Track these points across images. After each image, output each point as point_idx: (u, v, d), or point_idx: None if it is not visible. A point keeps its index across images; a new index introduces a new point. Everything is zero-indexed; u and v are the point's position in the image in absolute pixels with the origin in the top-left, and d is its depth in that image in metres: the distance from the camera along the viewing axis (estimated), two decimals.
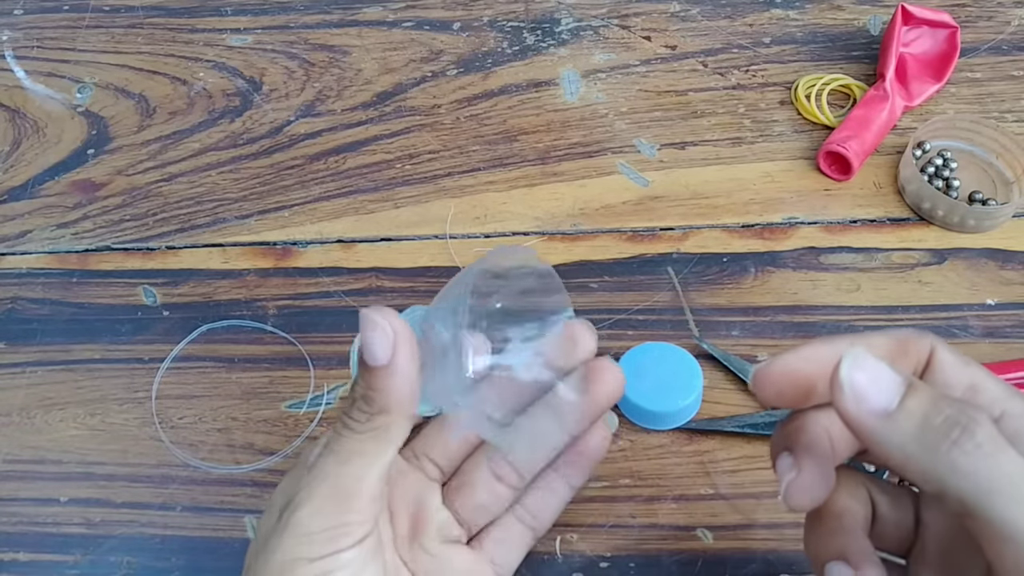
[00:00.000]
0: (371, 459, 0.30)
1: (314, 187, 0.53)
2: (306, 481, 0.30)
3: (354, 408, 0.30)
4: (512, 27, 0.59)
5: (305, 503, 0.30)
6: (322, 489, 0.30)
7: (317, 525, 0.29)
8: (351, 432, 0.30)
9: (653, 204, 0.51)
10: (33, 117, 0.57)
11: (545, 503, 0.36)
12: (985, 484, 0.24)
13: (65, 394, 0.46)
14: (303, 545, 0.29)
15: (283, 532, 0.30)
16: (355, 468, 0.30)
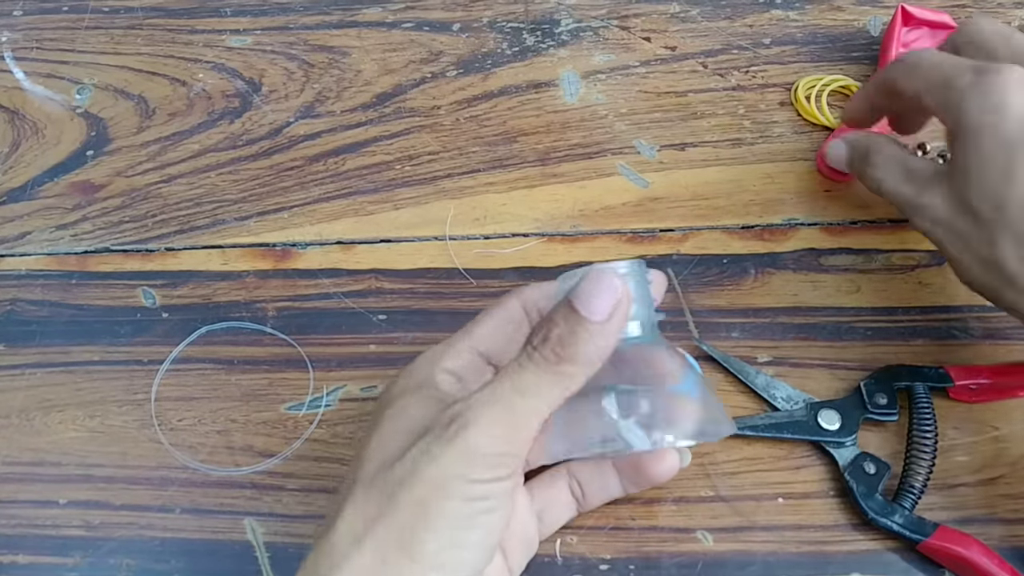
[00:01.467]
0: (545, 400, 0.31)
1: (313, 188, 0.53)
2: (477, 400, 0.30)
3: (547, 346, 0.31)
4: (512, 28, 0.59)
5: (478, 422, 0.30)
6: (495, 413, 0.30)
7: (487, 448, 0.30)
8: (535, 367, 0.31)
9: (653, 205, 0.51)
10: (32, 118, 0.57)
11: (596, 490, 0.38)
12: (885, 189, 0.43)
13: (64, 396, 0.46)
14: (468, 465, 0.29)
15: (450, 444, 0.29)
16: (531, 402, 0.31)
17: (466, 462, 0.29)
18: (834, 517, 0.41)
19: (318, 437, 0.44)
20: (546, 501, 0.38)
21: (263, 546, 0.41)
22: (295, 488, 0.43)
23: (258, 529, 0.42)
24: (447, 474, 0.29)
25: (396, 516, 0.29)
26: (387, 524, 0.29)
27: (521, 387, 0.31)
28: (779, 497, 0.41)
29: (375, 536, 0.29)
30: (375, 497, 0.30)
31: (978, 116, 0.35)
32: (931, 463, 0.40)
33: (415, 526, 0.29)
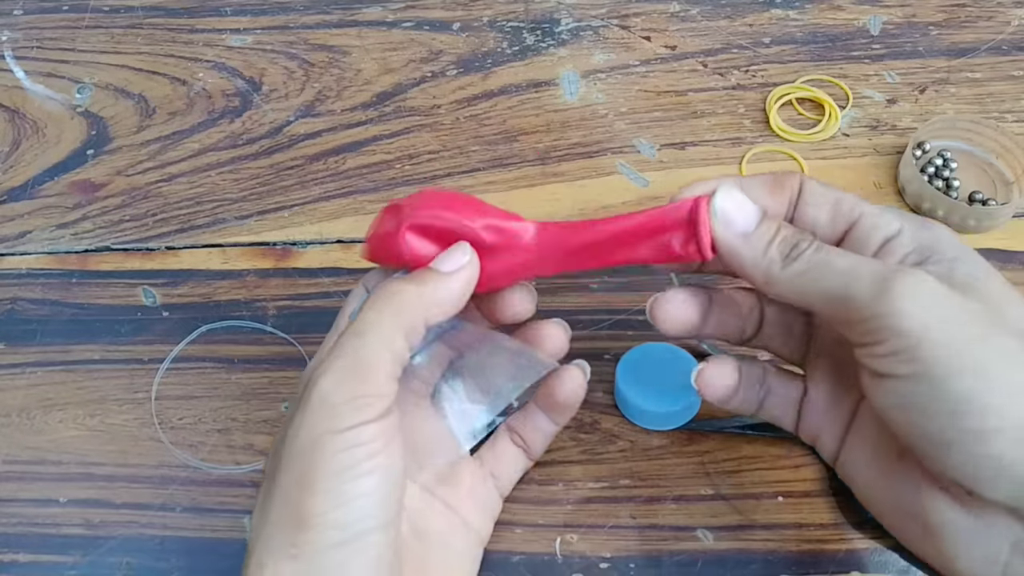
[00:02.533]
0: (388, 336, 0.32)
1: (314, 187, 0.53)
2: (325, 357, 0.31)
3: (382, 285, 0.33)
4: (512, 27, 0.59)
5: (325, 375, 0.30)
6: (340, 362, 0.31)
7: (339, 396, 0.30)
8: (370, 307, 0.32)
9: (653, 204, 0.51)
10: (32, 117, 0.57)
11: (534, 435, 0.40)
12: (817, 280, 0.31)
13: (65, 395, 0.46)
14: (327, 418, 0.30)
15: (306, 407, 0.30)
16: (372, 340, 0.31)
17: (326, 416, 0.30)
18: (834, 516, 0.41)
19: None
20: (494, 460, 0.39)
21: None
22: None
23: None
24: (313, 434, 0.30)
25: (282, 494, 0.30)
26: (277, 505, 0.30)
27: (359, 329, 0.31)
28: (779, 496, 0.41)
29: (268, 522, 0.30)
30: (264, 486, 0.31)
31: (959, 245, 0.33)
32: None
33: (300, 497, 0.29)
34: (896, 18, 0.58)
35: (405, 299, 0.33)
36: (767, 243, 0.32)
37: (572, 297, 0.47)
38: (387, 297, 0.33)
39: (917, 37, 0.57)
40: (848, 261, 0.31)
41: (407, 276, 0.34)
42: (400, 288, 0.33)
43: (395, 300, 0.32)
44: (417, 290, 0.33)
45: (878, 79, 0.55)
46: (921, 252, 0.32)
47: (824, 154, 0.52)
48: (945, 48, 0.56)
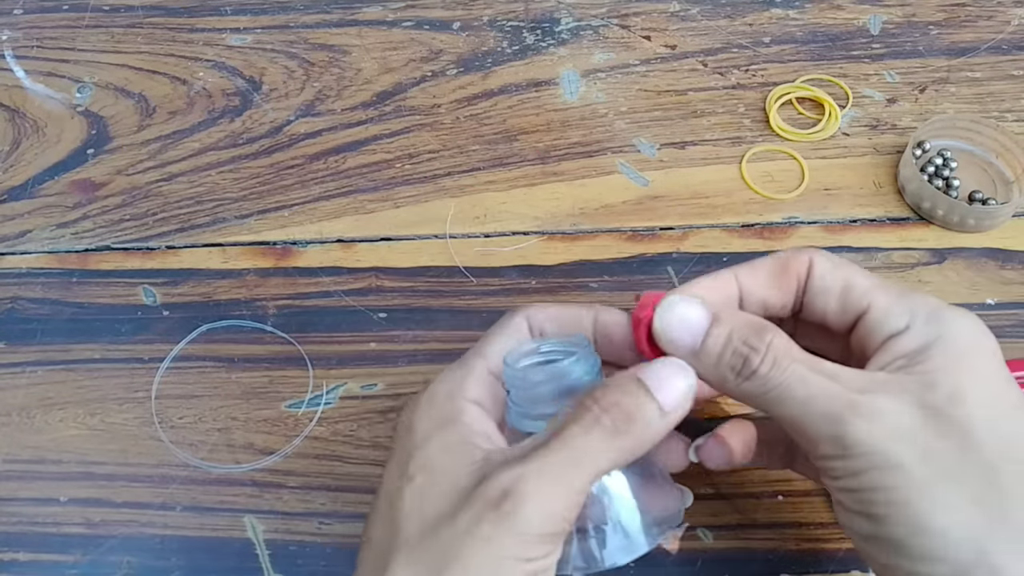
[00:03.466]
0: (596, 471, 0.29)
1: (314, 187, 0.53)
2: (530, 472, 0.28)
3: (609, 416, 0.29)
4: (512, 27, 0.59)
5: (532, 499, 0.27)
6: (551, 488, 0.28)
7: (543, 527, 0.28)
8: (594, 435, 0.29)
9: (653, 204, 0.51)
10: (33, 117, 0.57)
11: None
12: (771, 404, 0.29)
13: (65, 394, 0.46)
14: (522, 546, 0.27)
15: (500, 524, 0.27)
16: (586, 473, 0.28)
17: (521, 543, 0.27)
18: (834, 515, 0.40)
19: (318, 435, 0.44)
20: None
21: (263, 543, 0.41)
22: (295, 486, 0.43)
23: (258, 527, 0.42)
24: (501, 555, 0.27)
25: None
26: None
27: (577, 457, 0.28)
28: (779, 495, 0.41)
29: None
30: (418, 572, 0.28)
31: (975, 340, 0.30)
32: None
33: None
34: (896, 17, 0.58)
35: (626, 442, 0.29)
36: (716, 357, 0.30)
37: (572, 296, 0.47)
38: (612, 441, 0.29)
39: (917, 36, 0.57)
40: (804, 390, 0.29)
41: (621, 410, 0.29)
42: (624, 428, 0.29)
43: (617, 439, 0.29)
44: (642, 433, 0.29)
45: (878, 78, 0.55)
46: (919, 353, 0.30)
47: (824, 153, 0.52)
48: (945, 47, 0.56)
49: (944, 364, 0.29)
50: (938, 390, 0.28)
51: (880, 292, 0.31)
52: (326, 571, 0.40)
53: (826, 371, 0.29)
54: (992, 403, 0.29)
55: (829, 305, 0.32)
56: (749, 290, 0.33)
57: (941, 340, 0.29)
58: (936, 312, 0.30)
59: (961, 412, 0.28)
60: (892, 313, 0.31)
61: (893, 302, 0.31)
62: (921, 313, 0.30)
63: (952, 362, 0.29)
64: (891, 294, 0.31)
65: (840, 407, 0.28)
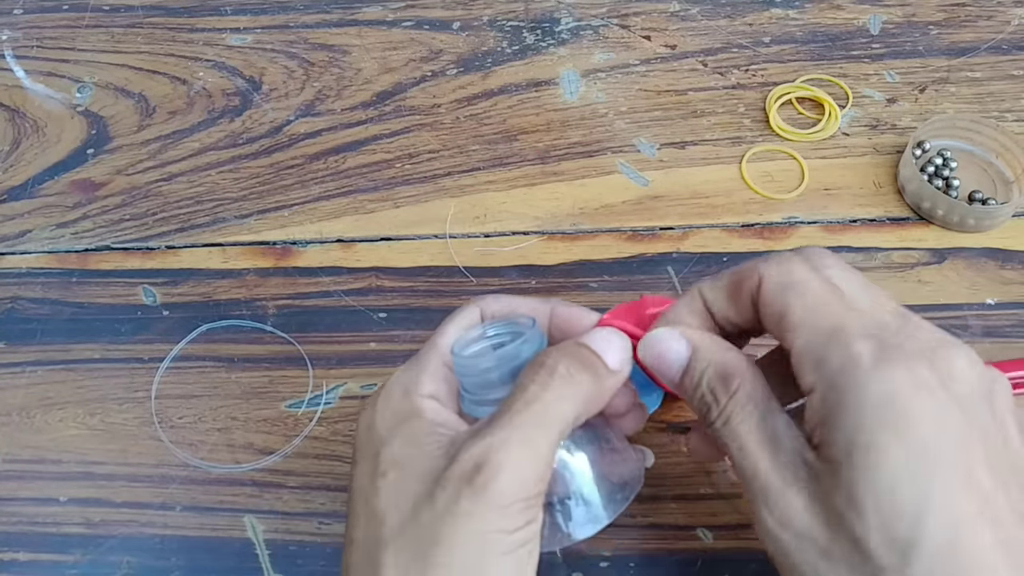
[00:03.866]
0: (560, 427, 0.29)
1: (314, 187, 0.53)
2: (500, 440, 0.28)
3: (565, 365, 0.29)
4: (512, 27, 0.59)
5: (505, 467, 0.27)
6: (522, 454, 0.28)
7: (521, 493, 0.27)
8: (552, 391, 0.29)
9: (653, 204, 0.51)
10: (33, 117, 0.57)
11: None
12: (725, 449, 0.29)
13: (65, 394, 0.46)
14: (503, 516, 0.27)
15: (479, 497, 0.27)
16: (551, 432, 0.29)
17: (501, 514, 0.27)
18: None
19: (318, 435, 0.44)
20: None
21: (263, 543, 0.41)
22: (295, 485, 0.43)
23: (258, 526, 0.42)
24: (485, 530, 0.27)
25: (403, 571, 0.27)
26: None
27: (541, 415, 0.28)
28: None
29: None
30: (407, 560, 0.28)
31: (883, 411, 0.25)
32: None
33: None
34: (896, 17, 0.58)
35: (583, 389, 0.30)
36: (690, 396, 0.31)
37: (572, 296, 0.47)
38: (566, 380, 0.29)
39: (917, 36, 0.57)
40: (740, 460, 0.28)
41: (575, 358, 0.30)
42: (579, 376, 0.30)
43: (573, 386, 0.29)
44: (594, 383, 0.30)
45: (878, 78, 0.55)
46: (822, 426, 0.27)
47: (824, 153, 0.52)
48: (945, 47, 0.56)
49: (843, 448, 0.25)
50: (840, 488, 0.25)
51: (801, 333, 0.28)
52: (326, 571, 0.40)
53: (769, 444, 0.28)
54: (890, 500, 0.25)
55: (773, 333, 0.30)
56: (714, 308, 0.32)
57: (841, 414, 0.26)
58: (846, 370, 0.26)
59: (853, 517, 0.25)
60: (803, 366, 0.28)
61: (805, 350, 0.27)
62: (828, 371, 0.26)
63: (851, 445, 0.25)
64: (810, 337, 0.28)
65: (757, 492, 0.27)
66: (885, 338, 0.26)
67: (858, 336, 0.26)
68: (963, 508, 0.24)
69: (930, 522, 0.24)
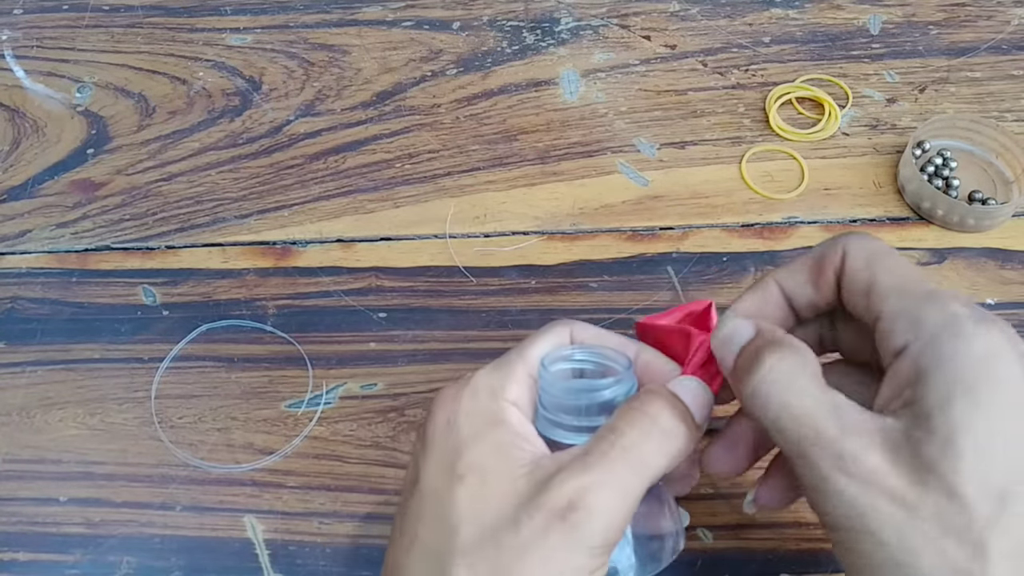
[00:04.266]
0: (652, 474, 0.29)
1: (314, 186, 0.53)
2: (596, 483, 0.28)
3: (664, 418, 0.29)
4: (512, 27, 0.59)
5: (599, 511, 0.27)
6: (616, 500, 0.28)
7: (609, 538, 0.28)
8: (652, 437, 0.29)
9: (653, 203, 0.51)
10: (33, 117, 0.57)
11: None
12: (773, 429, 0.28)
13: (65, 394, 0.46)
14: (589, 557, 0.27)
15: (569, 535, 0.27)
16: (644, 480, 0.29)
17: (588, 554, 0.27)
18: None
19: (318, 435, 0.44)
20: None
21: (263, 543, 0.41)
22: (295, 485, 0.43)
23: (258, 526, 0.42)
24: (568, 567, 0.27)
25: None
26: None
27: (637, 464, 0.28)
28: None
29: None
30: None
31: (984, 362, 0.26)
32: None
33: None
34: (896, 17, 0.58)
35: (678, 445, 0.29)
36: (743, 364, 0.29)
37: (572, 296, 0.47)
38: (666, 434, 0.29)
39: (917, 36, 0.57)
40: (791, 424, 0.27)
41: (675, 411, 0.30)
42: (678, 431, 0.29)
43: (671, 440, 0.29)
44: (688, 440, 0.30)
45: (878, 78, 0.55)
46: (916, 383, 0.26)
47: (824, 153, 0.52)
48: (945, 47, 0.56)
49: (940, 401, 0.25)
50: (932, 436, 0.25)
51: (893, 299, 0.28)
52: (326, 571, 0.40)
53: (829, 408, 0.27)
54: (991, 447, 0.25)
55: (858, 306, 0.30)
56: (793, 294, 0.32)
57: (940, 367, 0.26)
58: (947, 327, 0.26)
59: (949, 465, 0.25)
60: (895, 328, 0.27)
61: (900, 312, 0.28)
62: (927, 328, 0.27)
63: (949, 394, 0.25)
64: (904, 301, 0.28)
65: (827, 457, 0.26)
66: (977, 308, 0.27)
67: (953, 299, 0.27)
68: None
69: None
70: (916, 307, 0.27)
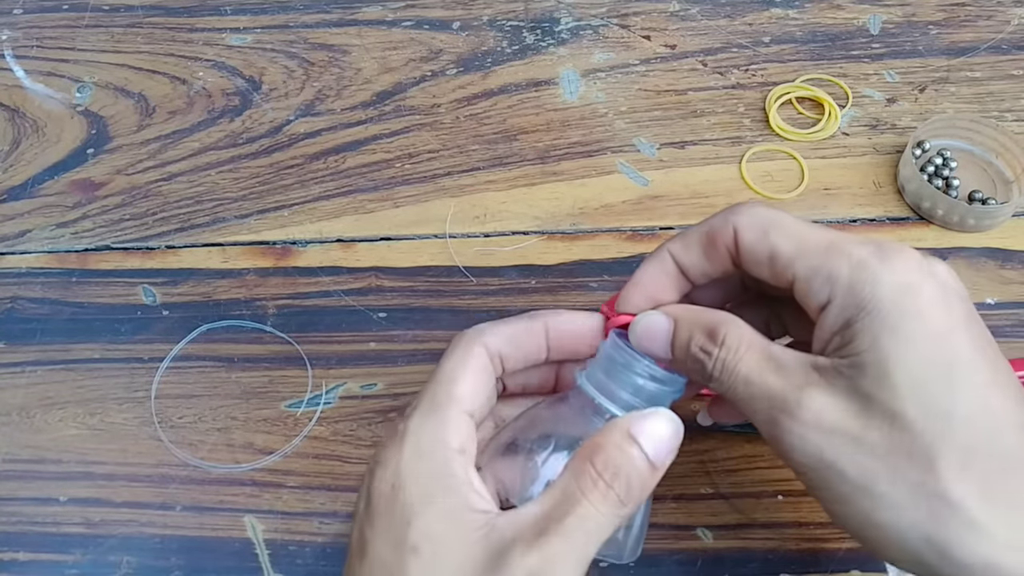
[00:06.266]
0: (604, 538, 0.29)
1: (314, 186, 0.53)
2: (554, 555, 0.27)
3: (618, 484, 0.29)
4: (511, 26, 0.59)
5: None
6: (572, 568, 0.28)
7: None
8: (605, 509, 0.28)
9: (653, 203, 0.51)
10: (33, 116, 0.57)
11: None
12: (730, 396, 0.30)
13: (65, 393, 0.46)
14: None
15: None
16: (596, 545, 0.29)
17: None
18: None
19: (318, 434, 0.44)
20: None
21: (263, 543, 0.41)
22: (295, 485, 0.43)
23: (258, 526, 0.42)
24: None
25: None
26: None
27: (592, 533, 0.28)
28: (779, 494, 0.41)
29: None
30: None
31: (901, 298, 0.28)
32: None
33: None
34: (896, 17, 0.58)
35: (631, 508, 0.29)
36: (684, 362, 0.31)
37: (572, 296, 0.47)
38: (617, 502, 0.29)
39: (917, 36, 0.57)
40: (747, 391, 0.29)
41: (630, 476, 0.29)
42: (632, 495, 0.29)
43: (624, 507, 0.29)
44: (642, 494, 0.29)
45: (878, 78, 0.55)
46: (845, 329, 0.28)
47: (824, 153, 0.52)
48: (945, 47, 0.56)
49: (869, 339, 0.27)
50: (866, 372, 0.27)
51: (799, 262, 0.29)
52: (326, 571, 0.40)
53: (773, 366, 0.29)
54: (923, 374, 0.27)
55: (763, 275, 0.31)
56: (686, 265, 0.33)
57: (864, 311, 0.28)
58: (859, 274, 0.28)
59: (887, 395, 0.27)
60: (812, 286, 0.29)
61: (810, 273, 0.29)
62: (843, 279, 0.28)
63: (877, 334, 0.27)
64: (811, 260, 0.29)
65: (775, 410, 0.28)
66: (878, 244, 0.29)
67: (856, 244, 0.29)
68: (984, 376, 0.27)
69: (961, 388, 0.27)
70: (823, 264, 0.29)
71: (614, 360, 0.32)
